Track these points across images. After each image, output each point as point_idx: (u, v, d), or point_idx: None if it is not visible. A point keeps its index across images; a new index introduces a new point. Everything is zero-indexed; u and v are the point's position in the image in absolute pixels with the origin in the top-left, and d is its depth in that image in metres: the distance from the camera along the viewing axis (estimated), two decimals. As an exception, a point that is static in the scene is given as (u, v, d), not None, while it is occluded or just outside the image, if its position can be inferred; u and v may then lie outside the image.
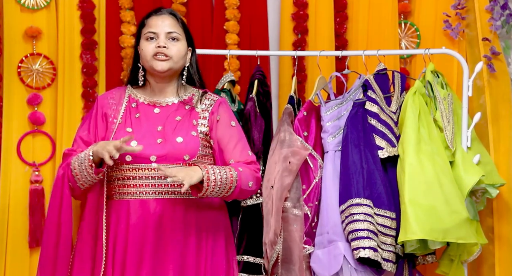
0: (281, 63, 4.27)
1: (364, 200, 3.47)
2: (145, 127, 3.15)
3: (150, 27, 3.19)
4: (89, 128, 3.21)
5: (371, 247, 3.41)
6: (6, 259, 3.93)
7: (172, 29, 3.19)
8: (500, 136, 3.96)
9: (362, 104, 3.62)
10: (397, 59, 4.22)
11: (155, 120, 3.17)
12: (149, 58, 3.16)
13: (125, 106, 3.21)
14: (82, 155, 3.06)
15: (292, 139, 3.59)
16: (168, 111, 3.19)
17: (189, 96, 3.26)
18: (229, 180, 3.08)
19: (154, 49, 3.15)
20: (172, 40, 3.18)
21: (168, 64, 3.16)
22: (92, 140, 3.17)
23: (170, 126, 3.14)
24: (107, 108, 3.21)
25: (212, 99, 3.27)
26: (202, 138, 3.17)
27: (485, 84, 3.98)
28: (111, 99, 3.25)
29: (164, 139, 3.11)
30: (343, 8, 4.27)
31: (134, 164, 3.11)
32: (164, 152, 3.10)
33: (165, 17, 3.21)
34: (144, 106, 3.21)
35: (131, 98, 3.24)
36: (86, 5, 4.08)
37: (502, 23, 4.01)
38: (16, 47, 4.02)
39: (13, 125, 3.99)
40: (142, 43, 3.20)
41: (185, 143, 3.12)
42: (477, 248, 3.63)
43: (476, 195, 3.74)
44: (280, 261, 3.54)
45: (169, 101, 3.23)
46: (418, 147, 3.53)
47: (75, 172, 3.07)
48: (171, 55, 3.16)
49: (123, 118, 3.18)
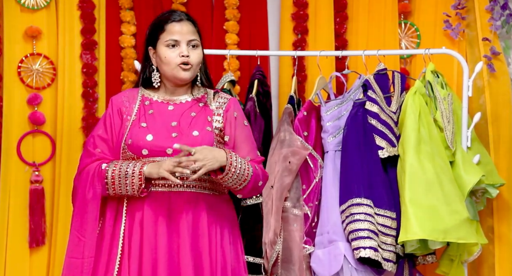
0: (281, 63, 4.27)
1: (364, 200, 3.47)
2: (159, 122, 3.17)
3: (171, 34, 3.20)
4: (105, 126, 3.22)
5: (372, 247, 3.41)
6: (6, 259, 3.93)
7: (192, 36, 3.22)
8: (500, 136, 3.96)
9: (362, 104, 3.62)
10: (397, 59, 4.22)
11: (169, 116, 3.20)
12: (174, 66, 3.18)
13: (138, 104, 3.24)
14: (129, 170, 3.08)
15: (292, 139, 3.59)
16: (182, 108, 3.22)
17: (202, 95, 3.28)
18: (246, 173, 3.11)
19: (177, 57, 3.17)
20: (192, 48, 3.21)
21: (191, 73, 3.20)
22: (109, 137, 3.19)
23: (185, 122, 3.17)
24: (121, 105, 3.24)
25: (226, 98, 3.30)
26: (217, 134, 3.20)
27: (485, 84, 3.98)
28: (125, 97, 3.27)
29: (180, 133, 3.14)
30: (343, 8, 4.27)
31: (150, 157, 3.13)
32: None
33: (185, 24, 3.22)
34: (158, 103, 3.24)
35: (144, 97, 3.26)
36: (86, 5, 4.08)
37: (502, 23, 4.01)
38: (16, 47, 4.02)
39: (13, 125, 3.99)
40: (163, 49, 3.20)
41: (201, 136, 3.15)
42: (477, 248, 3.63)
43: (476, 195, 3.74)
44: (280, 261, 3.54)
45: (182, 99, 3.26)
46: (418, 147, 3.53)
47: (112, 181, 3.08)
48: (192, 63, 3.20)
49: (137, 115, 3.20)
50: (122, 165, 3.09)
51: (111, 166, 3.10)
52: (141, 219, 3.11)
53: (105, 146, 3.18)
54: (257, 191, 3.20)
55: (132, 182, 3.07)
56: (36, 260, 3.98)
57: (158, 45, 3.21)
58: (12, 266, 3.94)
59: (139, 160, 3.11)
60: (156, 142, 3.12)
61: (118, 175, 3.08)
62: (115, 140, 3.18)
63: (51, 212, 4.01)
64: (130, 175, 3.07)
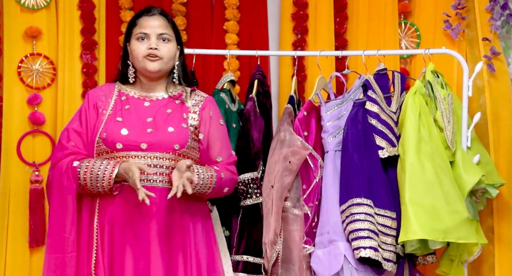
0: (281, 63, 4.27)
1: (364, 200, 3.47)
2: (134, 118, 3.20)
3: (141, 27, 3.24)
4: (80, 119, 3.25)
5: (372, 247, 3.41)
6: (6, 259, 3.93)
7: (163, 30, 3.25)
8: (500, 136, 3.96)
9: (362, 104, 3.62)
10: (397, 59, 4.22)
11: (145, 112, 3.23)
12: (141, 58, 3.22)
13: (114, 99, 3.27)
14: (100, 173, 3.09)
15: (292, 138, 3.59)
16: (158, 105, 3.25)
17: (178, 92, 3.30)
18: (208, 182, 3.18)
19: (145, 50, 3.21)
20: (163, 41, 3.24)
21: (159, 64, 3.22)
22: (84, 131, 3.20)
23: (160, 118, 3.21)
24: (97, 100, 3.27)
25: (202, 96, 3.34)
26: (192, 131, 3.23)
27: (485, 84, 3.98)
28: (101, 91, 3.31)
29: (155, 129, 3.17)
30: (343, 8, 4.27)
31: (124, 152, 3.14)
32: (155, 140, 3.15)
33: (156, 18, 3.26)
34: (134, 99, 3.27)
35: (121, 92, 3.29)
36: (86, 5, 4.08)
37: (502, 23, 4.01)
38: (16, 47, 4.01)
39: (13, 125, 3.99)
40: (133, 43, 3.25)
41: (176, 133, 3.18)
42: (477, 248, 3.63)
43: (476, 195, 3.74)
44: (280, 261, 3.54)
45: (159, 96, 3.29)
46: (419, 147, 3.53)
47: (84, 183, 3.11)
48: (162, 56, 3.22)
49: (113, 110, 3.23)
50: (93, 168, 3.11)
51: (83, 168, 3.11)
52: (113, 214, 3.13)
53: (79, 140, 3.20)
54: (220, 195, 3.29)
55: (103, 186, 3.10)
56: (36, 260, 3.98)
57: (131, 40, 3.25)
58: (12, 266, 3.93)
59: (110, 160, 3.12)
60: (130, 136, 3.14)
61: (90, 178, 3.11)
62: (89, 134, 3.21)
63: (51, 212, 4.02)
64: (101, 178, 3.09)
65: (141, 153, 3.14)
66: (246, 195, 3.58)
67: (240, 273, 3.55)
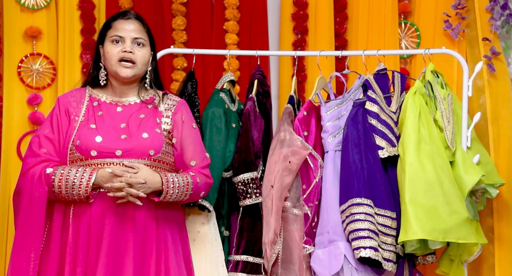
0: (281, 63, 4.27)
1: (364, 199, 3.47)
2: (108, 124, 3.18)
3: (116, 30, 3.23)
4: (51, 126, 3.21)
5: (372, 247, 3.41)
6: (6, 259, 3.93)
7: (138, 34, 3.24)
8: (500, 136, 3.96)
9: (362, 104, 3.62)
10: (397, 59, 4.22)
11: (118, 117, 3.21)
12: (114, 62, 3.20)
13: (86, 105, 3.24)
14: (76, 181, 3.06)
15: (292, 138, 3.59)
16: (131, 110, 3.23)
17: (150, 97, 3.29)
18: (185, 189, 3.17)
19: (119, 53, 3.19)
20: (138, 46, 3.23)
21: (132, 71, 3.21)
22: (56, 137, 3.18)
23: (134, 123, 3.19)
24: (68, 105, 3.23)
25: (174, 100, 3.32)
26: (165, 136, 3.22)
27: (485, 84, 3.98)
28: (72, 97, 3.27)
29: (129, 135, 3.15)
30: (343, 8, 4.27)
31: (99, 159, 3.12)
32: (130, 147, 3.14)
33: (131, 22, 3.25)
34: (106, 105, 3.24)
35: (92, 97, 3.26)
36: (86, 5, 4.08)
37: (502, 23, 4.01)
38: (16, 47, 4.02)
39: (13, 125, 4.00)
40: (107, 45, 3.22)
41: (150, 138, 3.17)
42: (477, 248, 3.63)
43: (476, 195, 3.74)
44: (280, 261, 3.54)
45: (131, 101, 3.27)
46: (419, 147, 3.53)
47: (58, 190, 3.08)
48: (136, 61, 3.20)
49: (85, 116, 3.20)
50: (68, 175, 3.08)
51: (57, 175, 3.08)
52: (87, 223, 3.10)
53: (51, 146, 3.17)
54: (196, 199, 3.30)
55: (79, 193, 3.07)
56: (36, 260, 3.98)
57: (105, 42, 3.23)
58: (12, 266, 3.93)
59: (86, 168, 3.09)
60: (105, 143, 3.12)
61: (65, 185, 3.07)
62: (61, 141, 3.17)
63: (51, 212, 4.01)
64: (77, 186, 3.07)
65: (116, 160, 3.12)
66: (246, 195, 3.58)
67: (240, 273, 3.55)
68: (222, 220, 3.63)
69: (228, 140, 3.66)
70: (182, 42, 4.19)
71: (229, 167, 3.64)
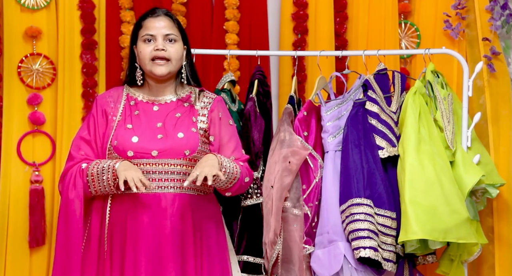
0: (281, 63, 4.27)
1: (364, 200, 3.47)
2: (144, 124, 3.19)
3: (147, 29, 3.23)
4: (88, 127, 3.23)
5: (372, 247, 3.41)
6: (6, 259, 3.93)
7: (169, 31, 3.23)
8: (500, 136, 3.96)
9: (362, 104, 3.62)
10: (397, 59, 4.22)
11: (154, 117, 3.21)
12: (148, 61, 3.20)
13: (123, 104, 3.25)
14: (105, 166, 3.08)
15: (292, 139, 3.59)
16: (167, 109, 3.23)
17: (187, 94, 3.30)
18: (234, 171, 3.17)
19: (152, 52, 3.20)
20: (170, 42, 3.23)
21: (167, 68, 3.21)
22: (93, 139, 3.20)
23: (170, 123, 3.19)
24: (106, 106, 3.25)
25: (210, 97, 3.32)
26: (202, 135, 3.22)
27: (485, 84, 3.98)
28: (110, 97, 3.29)
29: (165, 135, 3.16)
30: (343, 8, 4.27)
31: (136, 159, 3.13)
32: (166, 147, 3.14)
33: (161, 19, 3.25)
34: (143, 104, 3.25)
35: (129, 96, 3.27)
36: (86, 5, 4.08)
37: (502, 23, 4.01)
38: (16, 47, 4.02)
39: (13, 125, 4.00)
40: (140, 45, 3.23)
41: (186, 138, 3.17)
42: (477, 248, 3.63)
43: (476, 195, 3.74)
44: (280, 261, 3.54)
45: (167, 99, 3.27)
46: (419, 147, 3.53)
47: (91, 178, 3.10)
48: (169, 57, 3.20)
49: (122, 116, 3.22)
50: (101, 162, 3.10)
51: (92, 164, 3.11)
52: (123, 221, 3.11)
53: (88, 148, 3.19)
54: (244, 188, 3.26)
55: (108, 178, 3.07)
56: (36, 260, 3.98)
57: (137, 42, 3.24)
58: (12, 266, 3.94)
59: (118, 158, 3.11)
60: (141, 144, 3.13)
61: (96, 172, 3.09)
62: (99, 142, 3.19)
63: (51, 212, 4.01)
64: (106, 170, 3.07)
65: (152, 160, 3.13)
66: (247, 195, 3.58)
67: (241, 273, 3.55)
68: (222, 220, 3.64)
69: (228, 140, 3.66)
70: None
71: (230, 167, 3.64)
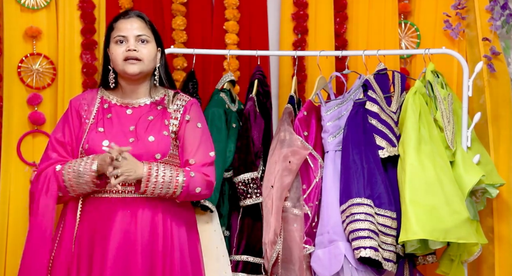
0: (281, 63, 4.27)
1: (364, 199, 3.47)
2: (116, 127, 3.19)
3: (119, 30, 3.23)
4: (63, 129, 3.24)
5: (372, 247, 3.41)
6: (6, 259, 3.93)
7: (141, 31, 3.24)
8: (500, 136, 3.96)
9: (363, 104, 3.63)
10: (397, 59, 4.22)
11: (127, 120, 3.21)
12: (120, 62, 3.21)
13: (97, 107, 3.25)
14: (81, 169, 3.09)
15: (292, 138, 3.59)
16: (140, 112, 3.23)
17: (161, 97, 3.29)
18: (173, 185, 3.11)
19: (124, 52, 3.20)
20: (142, 43, 3.23)
21: (139, 67, 3.20)
22: (67, 140, 3.20)
23: (142, 126, 3.19)
24: (80, 108, 3.26)
25: (184, 100, 3.31)
26: (173, 138, 3.21)
27: (485, 84, 3.98)
28: (84, 99, 3.29)
29: (136, 138, 3.15)
30: (343, 8, 4.27)
31: None
32: (136, 151, 3.13)
33: (133, 20, 3.25)
34: (116, 107, 3.25)
35: (103, 99, 3.27)
36: (86, 5, 4.08)
37: (502, 23, 4.01)
38: (16, 47, 4.01)
39: (13, 125, 3.99)
40: (112, 47, 3.23)
41: (156, 142, 3.16)
42: (477, 248, 3.63)
43: (476, 195, 3.74)
44: (280, 261, 3.54)
45: (141, 102, 3.27)
46: (419, 147, 3.53)
47: (69, 183, 3.11)
48: (141, 58, 3.20)
49: (95, 119, 3.22)
50: (75, 165, 3.11)
51: (66, 168, 3.12)
52: (93, 223, 3.11)
53: (62, 150, 3.20)
54: (196, 197, 3.20)
55: (87, 182, 3.09)
56: (36, 260, 3.98)
57: (110, 44, 3.24)
58: (12, 266, 3.93)
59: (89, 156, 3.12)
60: None
61: (73, 176, 3.10)
62: (73, 144, 3.20)
63: (51, 212, 4.01)
64: (83, 173, 3.09)
65: None
66: (246, 195, 3.58)
67: (240, 273, 3.55)
68: (223, 220, 3.63)
69: (228, 140, 3.66)
70: (182, 42, 4.19)
71: (230, 167, 3.64)
